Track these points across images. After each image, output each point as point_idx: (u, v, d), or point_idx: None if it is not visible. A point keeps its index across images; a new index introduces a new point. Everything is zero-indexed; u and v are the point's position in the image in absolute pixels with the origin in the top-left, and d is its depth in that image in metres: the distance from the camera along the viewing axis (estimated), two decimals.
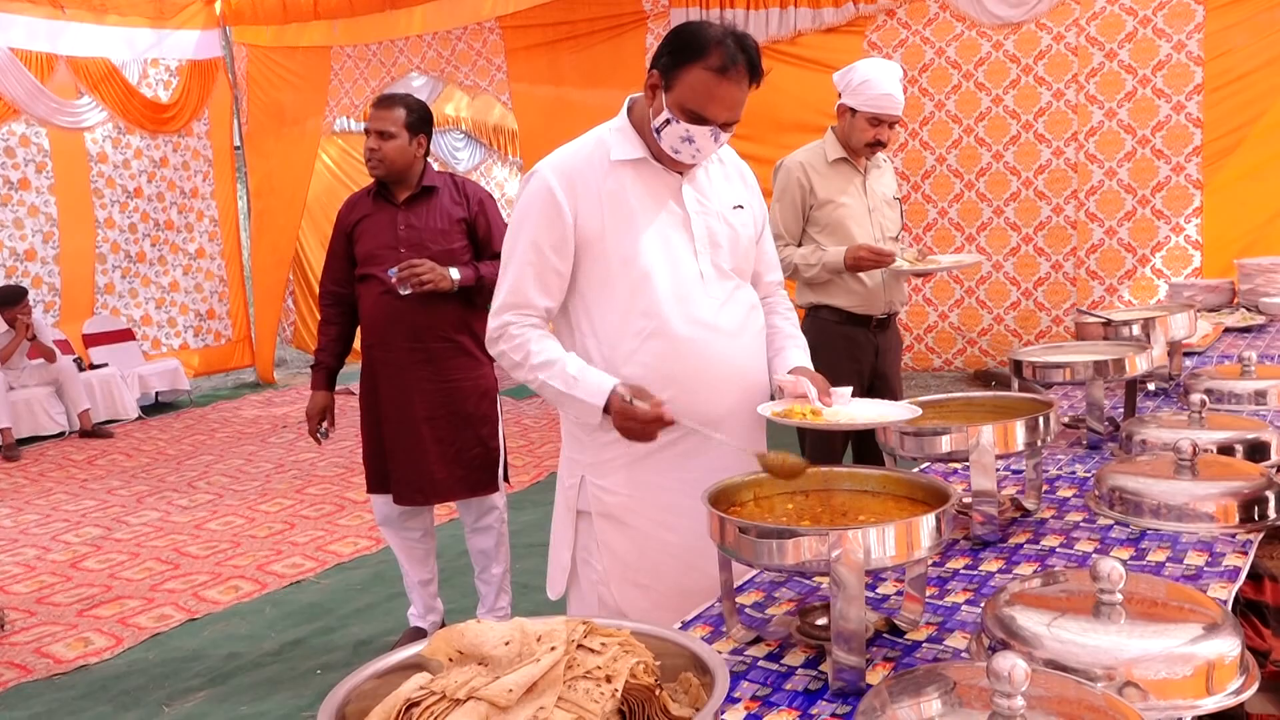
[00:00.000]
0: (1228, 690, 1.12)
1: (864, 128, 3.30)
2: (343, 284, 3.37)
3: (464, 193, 3.33)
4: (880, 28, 6.81)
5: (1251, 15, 5.76)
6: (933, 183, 6.87)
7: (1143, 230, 6.25)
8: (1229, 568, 1.52)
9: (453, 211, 3.28)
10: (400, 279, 3.12)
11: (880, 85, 3.24)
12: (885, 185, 3.52)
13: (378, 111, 3.23)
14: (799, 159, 3.43)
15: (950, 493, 1.35)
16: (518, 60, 7.88)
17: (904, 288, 3.61)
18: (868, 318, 3.46)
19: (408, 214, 3.28)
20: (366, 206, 3.32)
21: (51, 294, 8.63)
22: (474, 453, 3.35)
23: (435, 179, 3.32)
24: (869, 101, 3.25)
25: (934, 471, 2.15)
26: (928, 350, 7.12)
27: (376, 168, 3.22)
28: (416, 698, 0.96)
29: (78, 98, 8.66)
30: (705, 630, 1.46)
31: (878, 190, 3.47)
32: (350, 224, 3.33)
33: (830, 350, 3.37)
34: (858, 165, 3.42)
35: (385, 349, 3.29)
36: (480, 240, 3.34)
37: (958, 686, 1.02)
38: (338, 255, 3.38)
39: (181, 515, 5.45)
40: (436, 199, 3.29)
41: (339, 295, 3.39)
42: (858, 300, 3.42)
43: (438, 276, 3.12)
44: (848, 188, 3.40)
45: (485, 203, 3.35)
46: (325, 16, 8.59)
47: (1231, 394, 2.46)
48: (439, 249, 3.22)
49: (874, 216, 3.43)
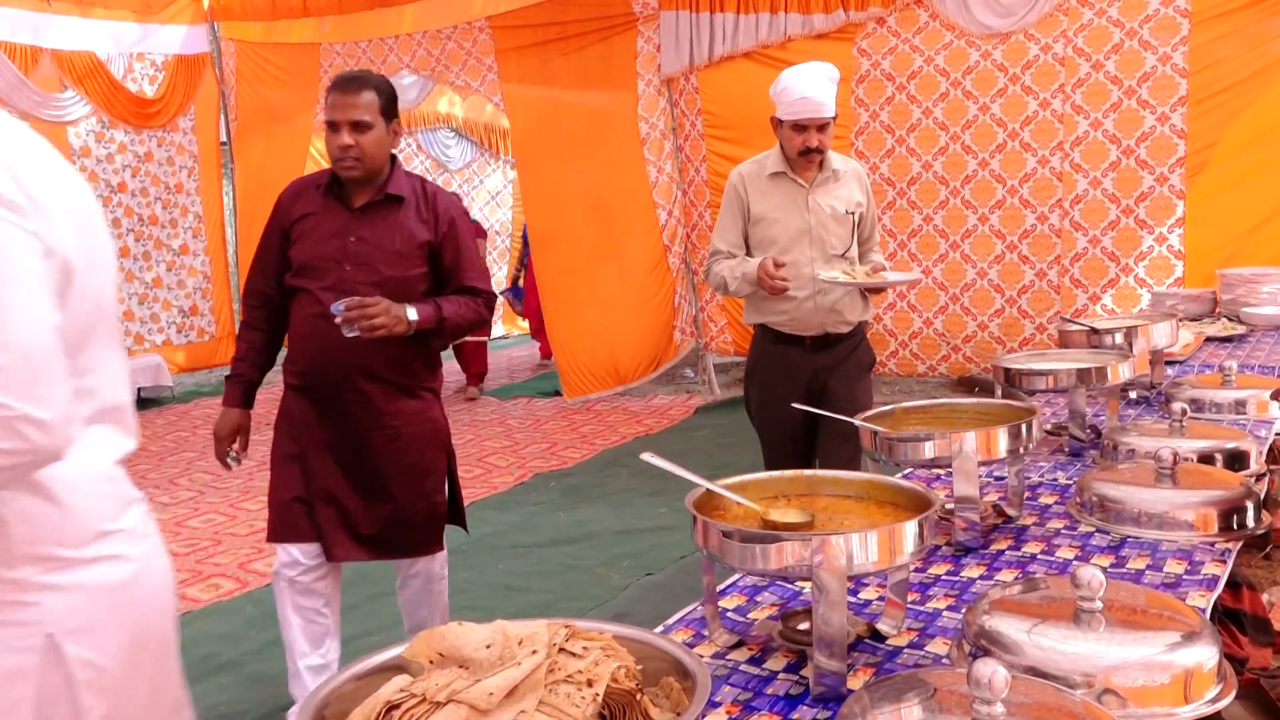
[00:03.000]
0: (1205, 698, 1.12)
1: (790, 136, 3.12)
2: (273, 285, 2.81)
3: (433, 209, 2.75)
4: (870, 35, 6.84)
5: (1236, 29, 5.81)
6: (918, 189, 6.90)
7: (1126, 239, 6.30)
8: (1208, 576, 1.54)
9: (416, 232, 2.71)
10: (346, 319, 2.53)
11: (797, 90, 3.05)
12: (837, 199, 3.22)
13: (344, 97, 2.61)
14: (740, 170, 3.31)
15: (932, 499, 1.35)
16: (508, 61, 7.87)
17: (856, 305, 3.27)
18: (800, 337, 3.25)
19: (361, 224, 2.68)
20: (313, 202, 2.74)
21: None
22: (415, 510, 2.83)
23: (403, 186, 2.73)
24: (788, 109, 3.09)
25: (917, 477, 2.16)
26: (912, 356, 7.15)
27: (352, 168, 2.64)
28: (397, 700, 0.96)
29: (61, 91, 8.59)
30: (687, 634, 1.46)
31: (824, 205, 3.20)
32: (290, 219, 2.76)
33: (764, 370, 3.34)
34: (801, 179, 3.20)
35: (313, 380, 2.73)
36: (445, 269, 2.77)
37: (938, 692, 1.03)
38: (270, 251, 2.80)
39: (163, 512, 5.41)
40: (400, 213, 2.71)
41: (267, 297, 2.83)
42: (785, 319, 3.23)
43: (393, 320, 2.55)
44: (785, 203, 3.20)
45: (457, 223, 2.78)
46: (314, 13, 8.55)
47: (1212, 403, 2.48)
48: (391, 274, 2.66)
49: (813, 234, 3.18)
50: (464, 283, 2.78)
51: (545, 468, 5.96)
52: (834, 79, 3.08)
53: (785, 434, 3.29)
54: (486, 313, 2.86)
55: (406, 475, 2.79)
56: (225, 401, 2.87)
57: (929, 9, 6.61)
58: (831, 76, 3.08)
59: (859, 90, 6.93)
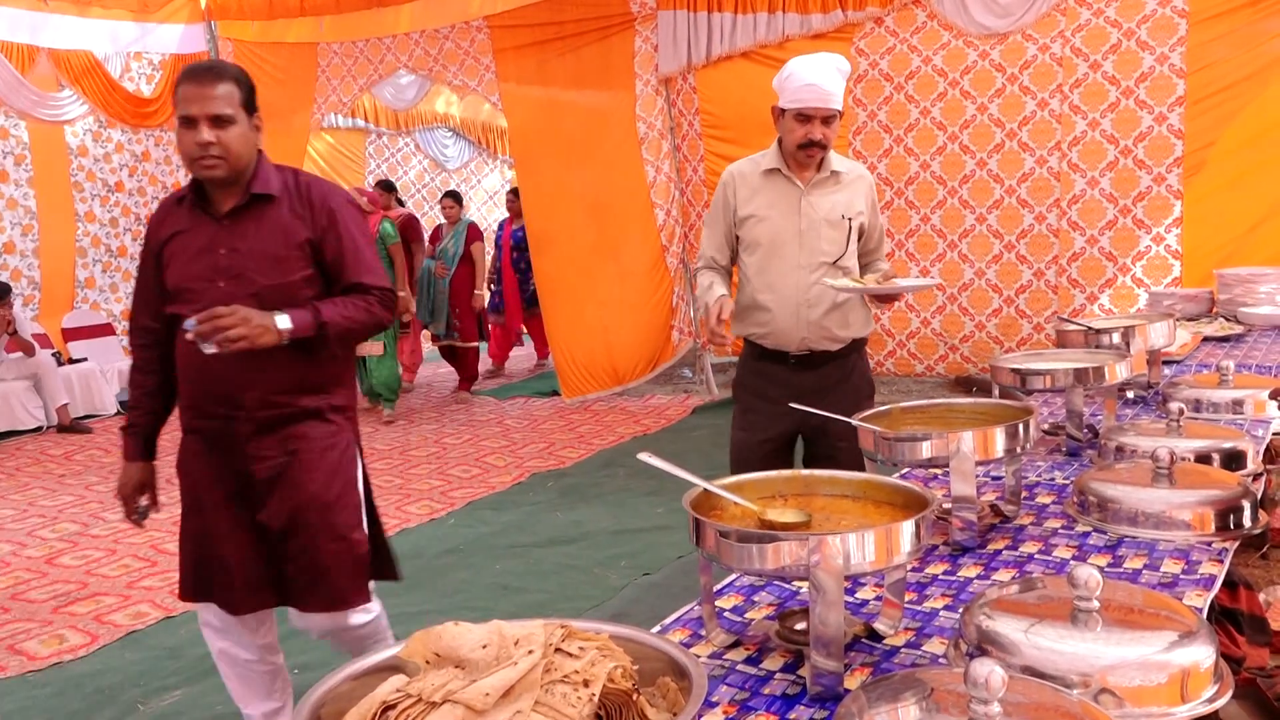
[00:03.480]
0: (1202, 698, 1.12)
1: (791, 127, 2.82)
2: (157, 318, 2.49)
3: (308, 201, 2.43)
4: (868, 35, 6.84)
5: (1233, 29, 5.82)
6: (916, 189, 6.90)
7: (1124, 239, 6.30)
8: (1205, 575, 1.54)
9: (293, 230, 2.40)
10: (199, 333, 2.21)
11: (803, 76, 2.76)
12: (835, 203, 2.92)
13: (199, 89, 2.30)
14: (734, 167, 3.02)
15: (930, 498, 1.35)
16: (506, 60, 7.86)
17: (848, 321, 2.94)
18: (782, 353, 2.94)
19: (231, 233, 2.39)
20: (180, 218, 2.45)
21: (31, 288, 8.55)
22: (326, 551, 2.44)
23: (272, 182, 2.43)
24: (792, 96, 2.79)
25: (914, 477, 2.16)
26: (910, 356, 7.15)
27: (214, 166, 2.32)
28: (393, 700, 0.96)
29: (59, 90, 8.59)
30: (684, 634, 1.46)
31: (819, 208, 2.90)
32: (159, 242, 2.47)
33: (746, 386, 3.06)
34: (797, 178, 2.90)
35: (200, 416, 2.45)
36: (329, 265, 2.44)
37: (935, 692, 1.03)
38: (147, 281, 2.52)
39: (160, 512, 5.39)
40: (272, 212, 2.41)
41: (153, 333, 2.51)
42: (764, 333, 2.95)
43: (254, 331, 2.23)
44: (777, 202, 2.91)
45: (338, 214, 2.45)
46: (311, 13, 8.55)
47: (1209, 403, 2.48)
48: (269, 283, 2.35)
49: (804, 238, 2.88)
50: (351, 280, 2.44)
51: (543, 468, 5.96)
52: (844, 71, 2.83)
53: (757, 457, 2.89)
54: (382, 311, 2.48)
55: (312, 509, 2.43)
56: (124, 455, 2.58)
57: (927, 9, 6.62)
58: (841, 69, 2.82)
59: (857, 90, 6.93)
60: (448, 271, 8.05)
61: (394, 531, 4.88)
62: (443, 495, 5.49)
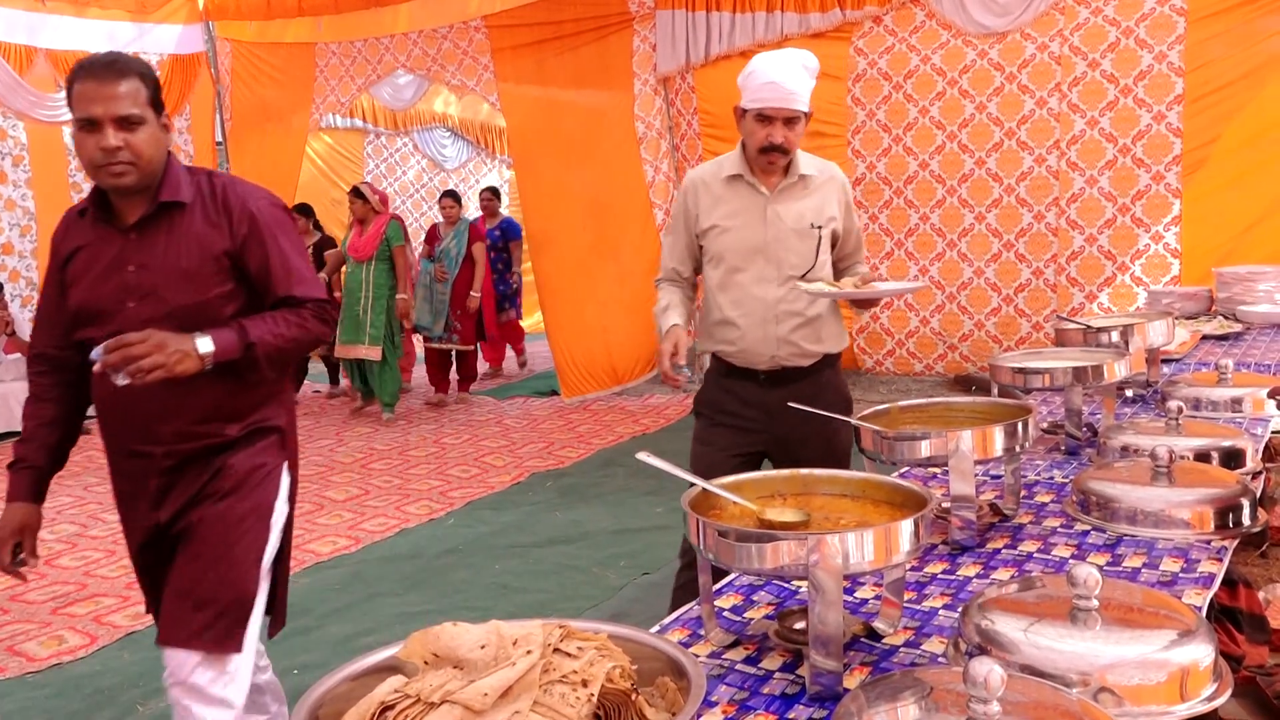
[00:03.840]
0: (1201, 696, 1.12)
1: (752, 129, 2.58)
2: (61, 343, 2.23)
3: (225, 207, 2.15)
4: (866, 34, 6.84)
5: (1231, 27, 5.82)
6: (915, 188, 6.90)
7: (1122, 238, 6.31)
8: (1204, 574, 1.54)
9: (209, 241, 2.12)
10: (108, 364, 1.93)
11: (764, 74, 2.52)
12: (804, 211, 2.67)
13: (101, 87, 2.02)
14: (695, 174, 2.76)
15: (929, 497, 1.35)
16: (504, 60, 7.87)
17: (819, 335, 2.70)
18: (751, 370, 2.71)
19: (139, 247, 2.11)
20: (82, 233, 2.17)
21: (30, 288, 8.54)
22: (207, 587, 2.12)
23: (183, 188, 2.14)
24: (753, 95, 2.55)
25: (913, 476, 2.16)
26: (908, 355, 7.15)
27: (124, 173, 2.05)
28: (391, 700, 0.96)
29: (57, 91, 8.57)
30: (683, 634, 1.46)
31: (786, 217, 2.65)
32: (63, 259, 2.19)
33: (713, 402, 2.80)
34: (762, 185, 2.65)
35: (119, 451, 2.22)
36: (254, 278, 2.17)
37: (934, 691, 1.02)
38: (51, 302, 2.23)
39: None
40: (184, 221, 2.13)
41: (56, 359, 2.25)
42: (732, 348, 2.71)
43: (171, 358, 1.95)
44: (740, 211, 2.67)
45: (259, 218, 2.17)
46: (309, 13, 8.55)
47: (1208, 401, 2.48)
48: (183, 302, 2.09)
49: (769, 250, 2.64)
50: (281, 293, 2.17)
51: (542, 467, 5.96)
52: (812, 69, 2.56)
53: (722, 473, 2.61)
54: (319, 326, 2.22)
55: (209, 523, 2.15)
56: (8, 494, 2.22)
57: (925, 8, 6.62)
58: (809, 66, 2.56)
59: (856, 89, 6.93)
60: (448, 275, 7.78)
61: (394, 531, 4.88)
62: (442, 495, 5.49)
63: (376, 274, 7.15)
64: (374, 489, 5.66)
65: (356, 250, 7.21)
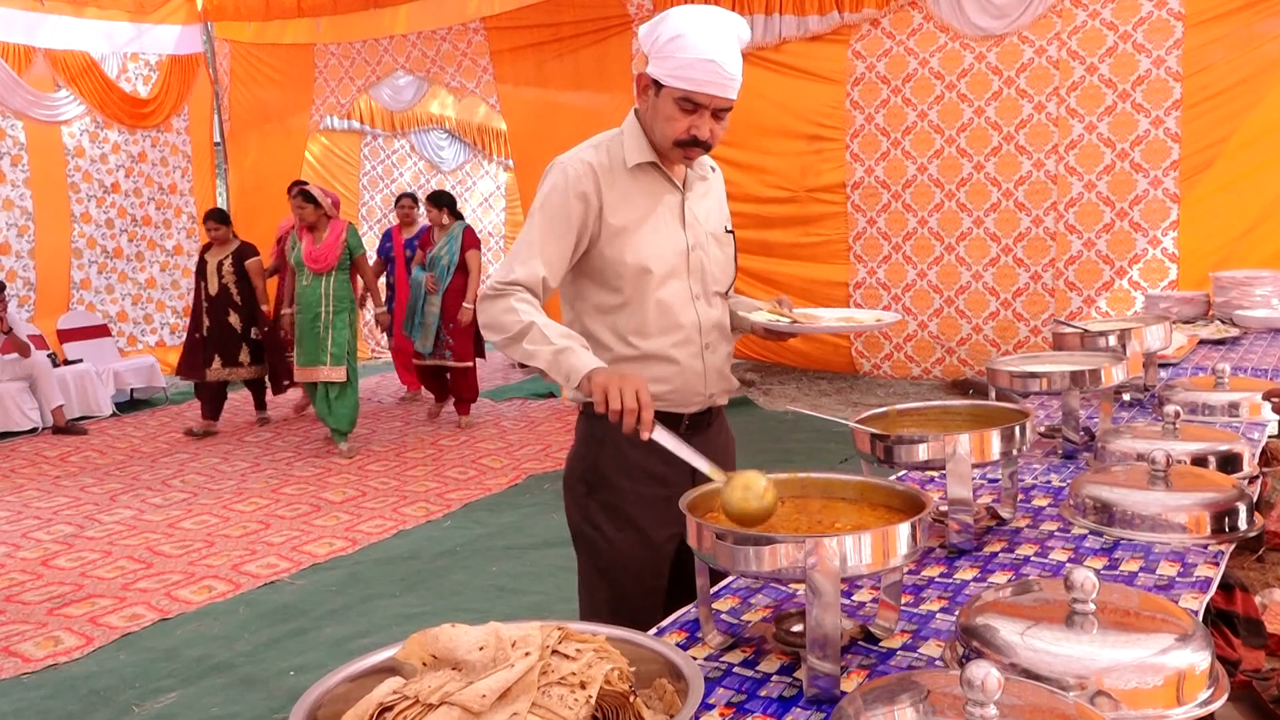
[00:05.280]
0: (1197, 700, 1.12)
1: (671, 113, 1.96)
2: None
3: None
4: (864, 37, 6.85)
5: (1230, 32, 5.84)
6: (913, 192, 6.91)
7: (1120, 242, 6.32)
8: (1201, 578, 1.54)
9: None
10: None
11: (701, 47, 1.89)
12: (712, 211, 2.17)
13: None
14: (586, 159, 2.07)
15: (926, 501, 1.35)
16: (503, 62, 7.87)
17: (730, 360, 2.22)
18: (677, 416, 2.08)
19: None
20: None
21: (26, 288, 8.54)
22: None
23: None
24: (681, 72, 1.91)
25: (910, 479, 2.16)
26: (906, 359, 7.16)
27: None
28: (389, 702, 0.96)
29: (55, 91, 8.58)
30: (681, 636, 1.46)
31: (701, 218, 2.12)
32: None
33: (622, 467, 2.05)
34: (674, 175, 2.08)
35: None
36: None
37: (931, 694, 1.03)
38: None
39: (155, 514, 5.39)
40: None
41: None
42: (664, 388, 2.04)
43: None
44: (659, 210, 2.05)
45: None
46: (309, 14, 8.56)
47: (1205, 405, 2.49)
48: None
49: (694, 258, 2.08)
50: None
51: (539, 469, 5.96)
52: (744, 40, 1.98)
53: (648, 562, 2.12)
54: None
55: None
56: None
57: (923, 10, 6.63)
58: (743, 37, 1.97)
59: (854, 93, 6.94)
60: (439, 285, 6.99)
61: (391, 533, 4.88)
62: (439, 497, 5.49)
63: (337, 286, 6.37)
64: (371, 491, 5.66)
65: (314, 261, 6.32)
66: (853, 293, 7.16)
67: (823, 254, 7.22)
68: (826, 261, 7.22)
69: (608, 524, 2.10)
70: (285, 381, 7.34)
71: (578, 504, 2.16)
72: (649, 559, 2.10)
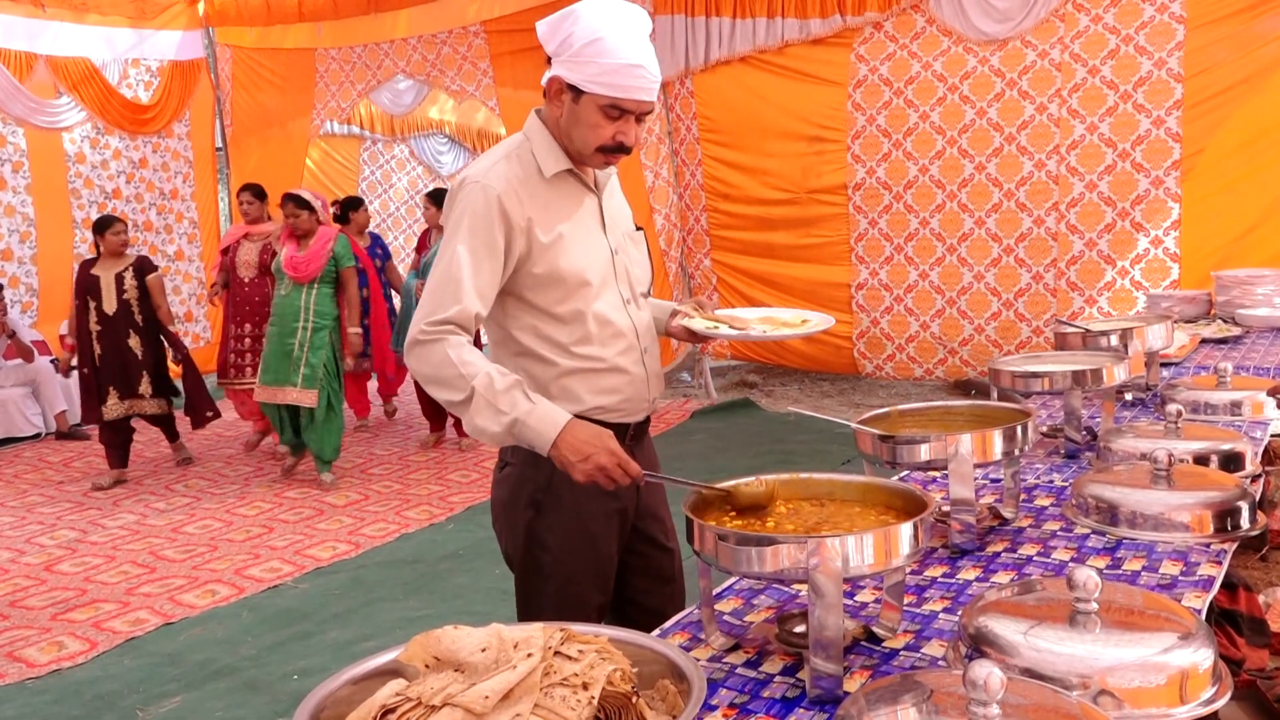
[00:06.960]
0: (1201, 699, 1.12)
1: (596, 121, 1.87)
2: None
3: None
4: (867, 40, 6.85)
5: (1231, 34, 5.83)
6: (915, 193, 6.91)
7: (1122, 242, 6.31)
8: (1204, 577, 1.54)
9: None
10: None
11: (622, 52, 1.81)
12: (622, 211, 2.15)
13: None
14: (497, 177, 1.89)
15: (928, 501, 1.35)
16: (503, 65, 7.88)
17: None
18: (624, 426, 2.02)
19: None
20: None
21: (29, 294, 8.55)
22: None
23: None
24: (606, 79, 1.82)
25: (912, 480, 2.16)
26: (908, 360, 7.15)
27: None
28: (392, 704, 0.96)
29: (56, 97, 8.59)
30: (683, 637, 1.46)
31: (616, 219, 2.09)
32: None
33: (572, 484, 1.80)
34: (589, 180, 2.02)
35: None
36: None
37: (934, 694, 1.03)
38: None
39: (158, 518, 5.40)
40: None
41: None
42: (614, 402, 1.99)
43: None
44: (583, 218, 1.99)
45: None
46: (309, 19, 8.57)
47: (1207, 405, 2.48)
48: None
49: (619, 262, 2.03)
50: None
51: None
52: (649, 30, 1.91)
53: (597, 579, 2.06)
54: None
55: None
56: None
57: (926, 14, 6.63)
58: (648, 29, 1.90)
59: (856, 95, 6.94)
60: None
61: (394, 536, 4.88)
62: (441, 500, 5.49)
63: (319, 300, 5.70)
64: (374, 494, 5.66)
65: (296, 269, 5.68)
66: (854, 294, 7.16)
67: (824, 255, 7.22)
68: (828, 263, 7.22)
69: (557, 544, 2.01)
70: (208, 413, 6.40)
71: (523, 529, 2.03)
72: (597, 572, 2.04)
